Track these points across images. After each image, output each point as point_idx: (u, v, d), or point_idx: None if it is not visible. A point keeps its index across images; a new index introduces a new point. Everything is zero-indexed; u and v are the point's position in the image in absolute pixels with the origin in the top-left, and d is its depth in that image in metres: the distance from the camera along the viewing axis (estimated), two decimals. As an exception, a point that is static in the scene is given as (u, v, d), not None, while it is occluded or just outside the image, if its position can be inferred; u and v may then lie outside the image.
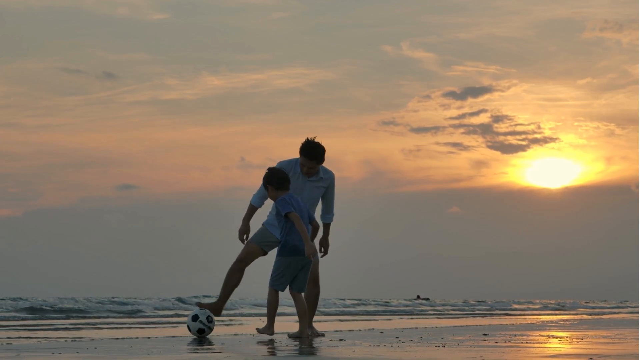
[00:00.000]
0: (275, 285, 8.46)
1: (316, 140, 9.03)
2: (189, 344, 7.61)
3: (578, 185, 59.26)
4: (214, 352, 6.58)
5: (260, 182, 8.90)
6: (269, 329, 8.48)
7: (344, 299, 40.01)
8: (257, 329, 8.72)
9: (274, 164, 9.09)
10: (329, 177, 9.26)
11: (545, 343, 8.00)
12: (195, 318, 8.71)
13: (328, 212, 9.31)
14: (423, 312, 30.66)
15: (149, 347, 7.21)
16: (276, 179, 8.54)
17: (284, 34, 53.04)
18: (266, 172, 8.63)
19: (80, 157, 55.62)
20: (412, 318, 22.55)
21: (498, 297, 60.74)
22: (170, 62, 54.04)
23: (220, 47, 54.50)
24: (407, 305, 37.80)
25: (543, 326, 13.89)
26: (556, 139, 52.54)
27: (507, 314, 29.74)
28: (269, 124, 52.44)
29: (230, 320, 17.99)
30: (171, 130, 54.97)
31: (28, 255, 54.22)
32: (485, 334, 9.62)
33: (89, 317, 19.75)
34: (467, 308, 38.64)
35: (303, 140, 9.09)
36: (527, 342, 7.99)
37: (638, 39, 47.59)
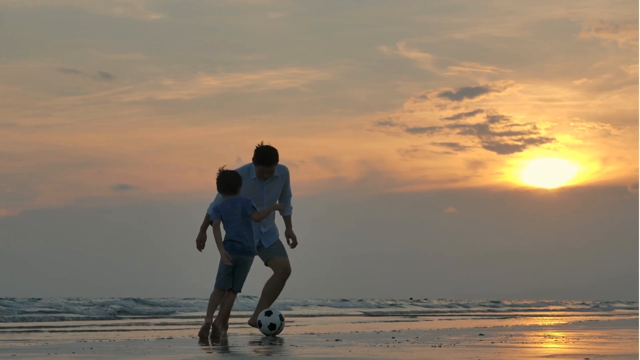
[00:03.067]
0: (216, 285, 8.82)
1: (265, 144, 9.14)
2: (185, 345, 7.61)
3: (574, 186, 59.21)
4: (209, 352, 6.58)
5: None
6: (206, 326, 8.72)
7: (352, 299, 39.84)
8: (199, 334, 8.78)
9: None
10: (284, 172, 9.39)
11: (542, 343, 8.00)
12: (268, 313, 8.98)
13: (286, 206, 9.48)
14: (459, 313, 30.19)
15: (145, 347, 7.21)
16: (220, 184, 8.88)
17: (281, 34, 53.02)
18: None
19: (77, 157, 55.57)
20: (450, 319, 21.98)
21: (495, 297, 60.75)
22: (166, 62, 53.99)
23: (216, 47, 54.47)
24: (445, 307, 37.58)
25: (539, 326, 13.89)
26: (552, 139, 52.51)
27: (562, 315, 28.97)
28: (266, 124, 52.33)
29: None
30: (168, 131, 54.94)
31: (25, 255, 54.17)
32: (481, 334, 9.62)
33: (125, 318, 19.56)
34: (503, 309, 38.16)
35: (299, 140, 9.18)
36: (523, 342, 7.99)
37: (634, 39, 47.58)
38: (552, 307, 44.12)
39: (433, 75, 54.40)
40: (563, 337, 9.27)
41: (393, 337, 8.78)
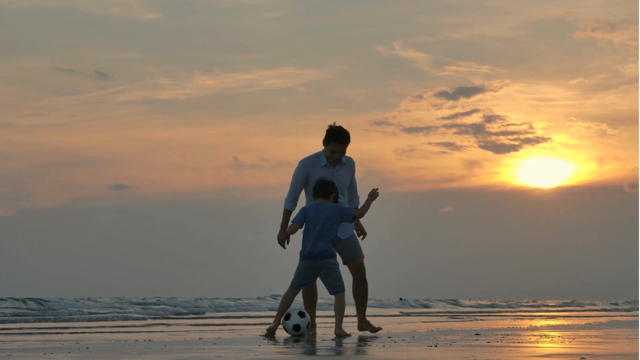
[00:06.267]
0: (291, 284, 9.02)
1: (337, 124, 9.17)
2: (181, 345, 7.62)
3: (570, 185, 59.19)
4: (205, 353, 6.58)
5: (257, 181, 9.09)
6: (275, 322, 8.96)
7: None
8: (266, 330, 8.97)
9: (267, 164, 9.38)
10: (351, 162, 9.43)
11: (537, 343, 8.01)
12: (288, 317, 9.01)
13: (354, 197, 9.54)
14: (498, 313, 29.73)
15: (142, 347, 7.22)
16: (317, 188, 9.02)
17: (277, 34, 52.98)
18: None
19: (72, 156, 55.44)
20: (489, 319, 21.47)
21: (493, 296, 60.82)
22: (162, 62, 53.89)
23: (212, 46, 54.41)
24: (483, 307, 37.50)
25: (535, 326, 13.91)
26: (548, 138, 52.51)
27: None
28: (262, 124, 52.31)
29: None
30: (164, 130, 54.86)
31: (21, 255, 54.11)
32: (477, 334, 9.63)
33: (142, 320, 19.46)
34: (536, 309, 37.80)
35: (296, 139, 9.21)
36: (519, 342, 8.00)
37: (630, 39, 47.64)
38: (587, 307, 43.77)
39: (429, 74, 54.37)
40: (559, 336, 9.27)
41: (389, 337, 8.78)
